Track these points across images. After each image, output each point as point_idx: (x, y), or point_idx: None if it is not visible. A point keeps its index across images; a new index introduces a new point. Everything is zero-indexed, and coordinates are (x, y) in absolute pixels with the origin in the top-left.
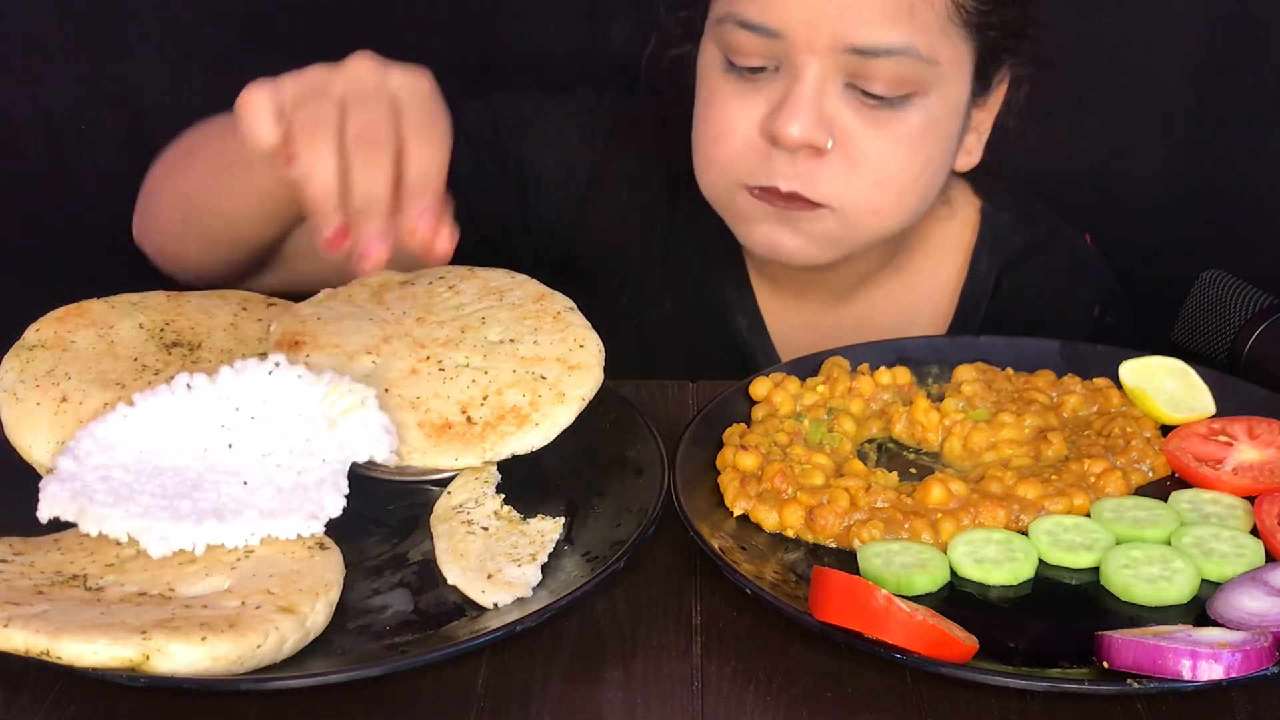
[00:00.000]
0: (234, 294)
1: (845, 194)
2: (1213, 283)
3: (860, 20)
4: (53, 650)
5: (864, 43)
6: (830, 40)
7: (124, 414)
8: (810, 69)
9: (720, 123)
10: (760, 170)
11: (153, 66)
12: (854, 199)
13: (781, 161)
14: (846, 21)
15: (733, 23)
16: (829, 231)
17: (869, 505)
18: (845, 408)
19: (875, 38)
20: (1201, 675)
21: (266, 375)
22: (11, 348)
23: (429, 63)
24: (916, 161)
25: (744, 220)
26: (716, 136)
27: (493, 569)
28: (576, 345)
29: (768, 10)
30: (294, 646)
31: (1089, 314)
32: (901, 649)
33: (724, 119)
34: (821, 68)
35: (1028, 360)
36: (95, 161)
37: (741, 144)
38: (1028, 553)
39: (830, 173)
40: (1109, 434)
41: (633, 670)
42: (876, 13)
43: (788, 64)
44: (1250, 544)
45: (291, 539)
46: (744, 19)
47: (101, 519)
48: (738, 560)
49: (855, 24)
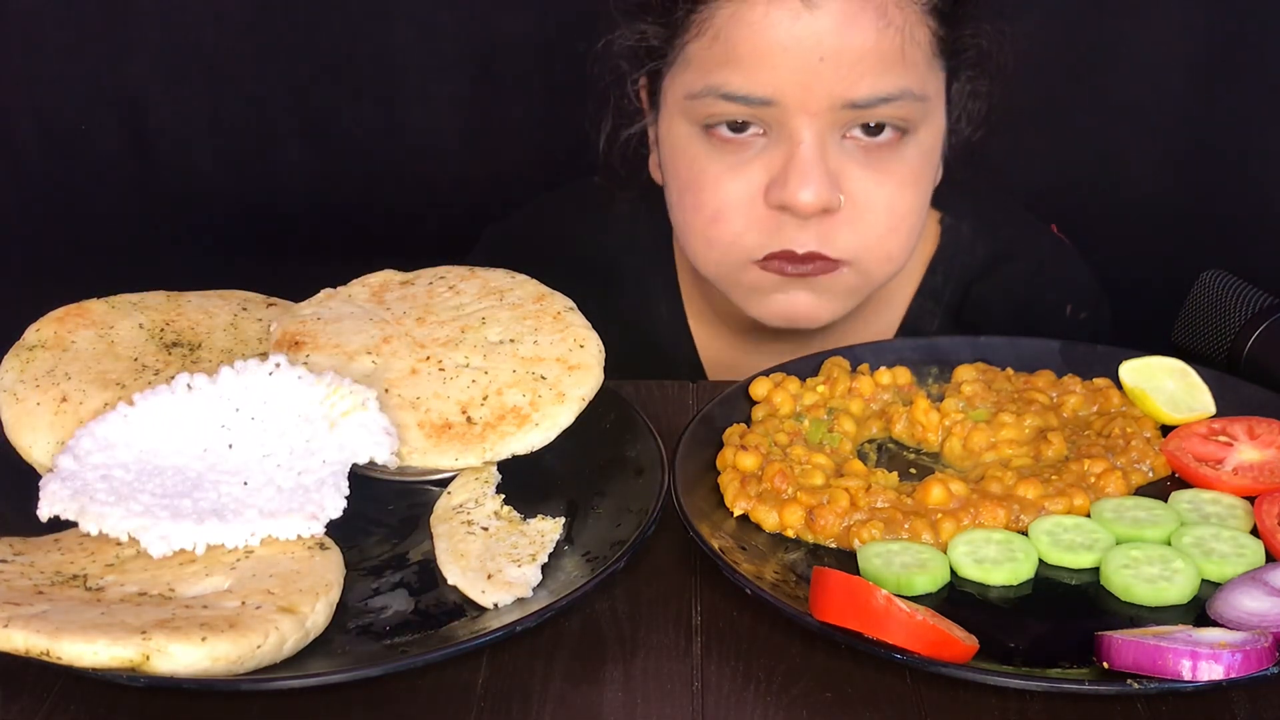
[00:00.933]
0: (234, 294)
1: (860, 247)
2: (1213, 283)
3: (855, 76)
4: (53, 650)
5: (861, 97)
6: (827, 100)
7: (124, 414)
8: (807, 130)
9: (715, 202)
10: (770, 240)
11: (153, 66)
12: (869, 250)
13: (792, 228)
14: (842, 80)
15: (714, 95)
16: (847, 285)
17: (869, 505)
18: (845, 408)
19: (871, 89)
20: (1201, 675)
21: (267, 376)
22: (11, 348)
23: (428, 63)
24: (919, 198)
25: (754, 294)
26: (714, 218)
27: (493, 569)
28: (576, 345)
29: (755, 79)
30: (294, 646)
31: (1061, 315)
32: (901, 649)
33: (719, 198)
34: (818, 127)
35: (1028, 360)
36: (95, 161)
37: (744, 220)
38: (1028, 553)
39: (844, 229)
40: (1109, 434)
41: (633, 670)
42: (870, 65)
43: (780, 129)
44: (1250, 544)
45: (291, 539)
46: (728, 91)
47: (102, 518)
48: (738, 560)
49: (851, 81)
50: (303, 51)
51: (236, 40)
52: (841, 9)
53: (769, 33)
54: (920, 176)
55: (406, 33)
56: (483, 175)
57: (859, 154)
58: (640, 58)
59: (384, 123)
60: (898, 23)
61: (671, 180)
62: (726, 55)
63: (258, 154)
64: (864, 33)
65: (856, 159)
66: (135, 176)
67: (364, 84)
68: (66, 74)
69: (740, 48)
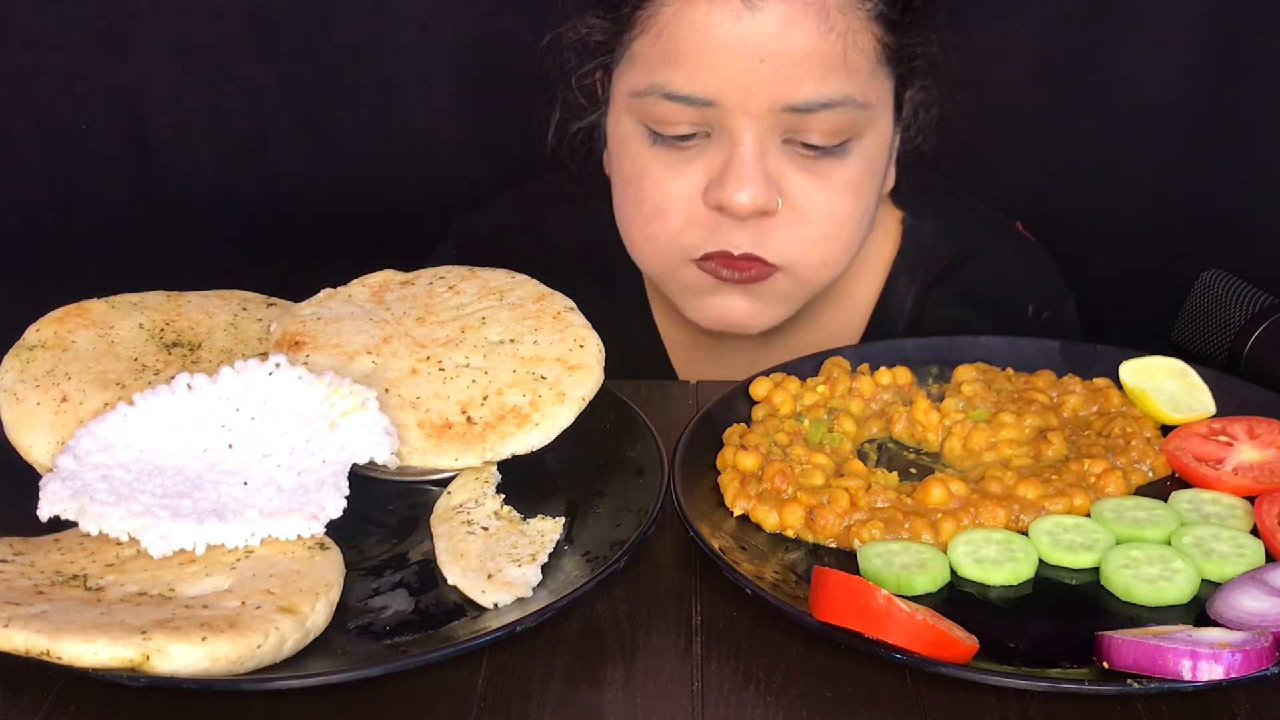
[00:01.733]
0: (234, 294)
1: (796, 251)
2: (1213, 283)
3: (796, 79)
4: (53, 650)
5: (801, 100)
6: (767, 102)
7: (124, 414)
8: (748, 132)
9: (656, 199)
10: (707, 240)
11: (153, 66)
12: (805, 255)
13: (729, 228)
14: (782, 82)
15: (657, 95)
16: (782, 291)
17: (869, 505)
18: (845, 408)
19: (812, 93)
20: (1201, 675)
21: (267, 376)
22: (11, 348)
23: (427, 62)
24: (860, 205)
25: (690, 294)
26: (654, 214)
27: (493, 569)
28: (576, 345)
29: (696, 79)
30: (294, 646)
31: (1024, 314)
32: (901, 649)
33: (659, 194)
34: (759, 130)
35: (1028, 360)
36: (95, 161)
37: (683, 218)
38: (1028, 553)
39: (780, 232)
40: (1109, 434)
41: (633, 670)
42: (811, 69)
43: (721, 130)
44: (1250, 544)
45: (291, 539)
46: (670, 90)
47: (102, 518)
48: (738, 560)
49: (791, 84)
50: (303, 51)
51: (236, 40)
52: (783, 11)
53: (710, 32)
54: (862, 184)
55: (406, 33)
56: (483, 175)
57: (799, 159)
58: (589, 51)
59: (384, 123)
60: (840, 28)
61: (616, 175)
62: (669, 54)
63: (258, 154)
64: (805, 36)
65: (796, 164)
66: (135, 176)
67: (364, 84)
68: (66, 74)
69: (682, 46)
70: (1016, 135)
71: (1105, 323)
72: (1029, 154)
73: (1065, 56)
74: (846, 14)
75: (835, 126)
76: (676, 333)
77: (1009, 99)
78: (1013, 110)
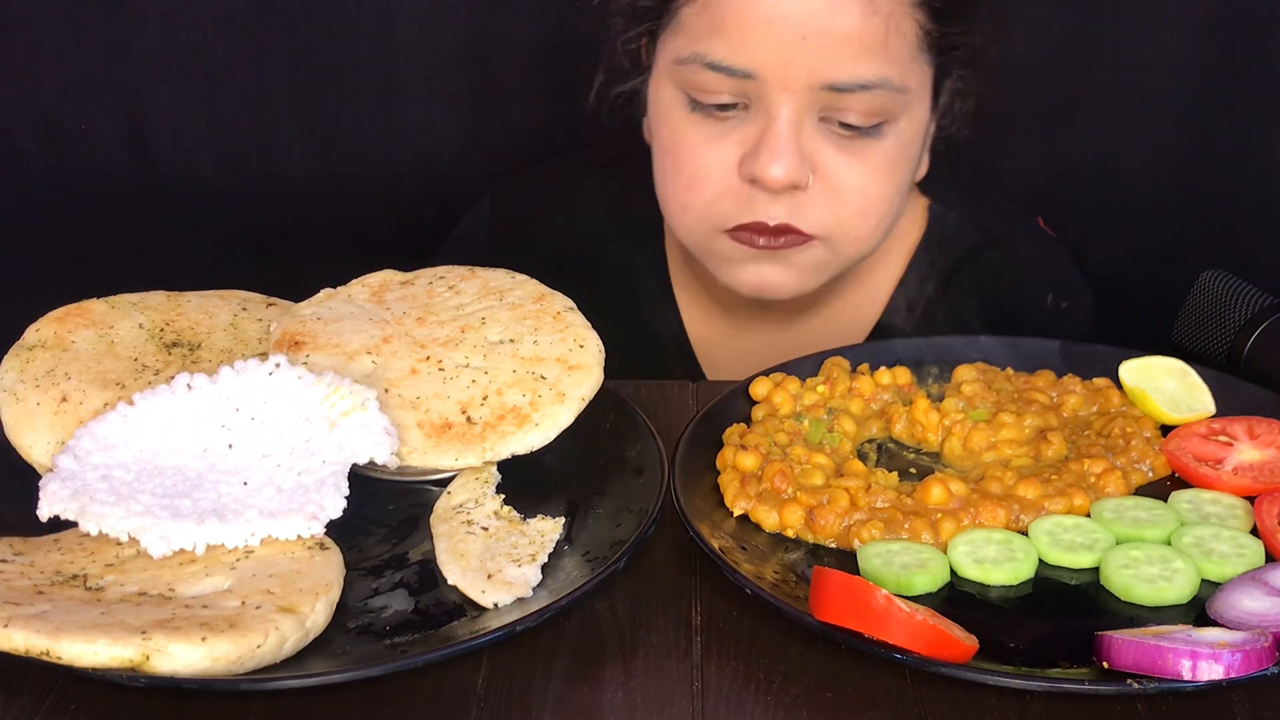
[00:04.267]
0: (234, 294)
1: (832, 224)
2: (1213, 283)
3: (837, 58)
4: (53, 650)
5: (841, 79)
6: (806, 79)
7: (124, 414)
8: (785, 107)
9: (692, 169)
10: (740, 211)
11: (153, 66)
12: (840, 228)
13: (763, 200)
14: (823, 60)
15: (699, 64)
16: (816, 260)
17: (869, 505)
18: (845, 408)
19: (851, 73)
20: (1201, 675)
21: (267, 376)
22: (11, 348)
23: (427, 59)
24: (892, 185)
25: (725, 262)
26: (690, 184)
27: (493, 569)
28: (576, 345)
29: (739, 51)
30: (294, 646)
31: (1042, 305)
32: (901, 649)
33: (696, 165)
34: (796, 105)
35: (1028, 360)
36: (95, 161)
37: (718, 188)
38: (1028, 553)
39: (814, 204)
40: (1109, 434)
41: (633, 670)
42: (852, 49)
43: (760, 103)
44: (1250, 544)
45: (291, 539)
46: (712, 60)
47: (102, 517)
48: (738, 560)
49: (831, 62)
50: (303, 51)
51: (236, 40)
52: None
53: (756, 6)
54: (895, 166)
55: (406, 33)
56: (483, 175)
57: (834, 137)
58: (637, 16)
59: (384, 123)
60: (884, 11)
61: (655, 143)
62: (714, 24)
63: (258, 154)
64: (849, 16)
65: (831, 141)
66: (135, 176)
67: (364, 84)
68: (66, 74)
69: (728, 18)
70: (1016, 134)
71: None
72: (1029, 153)
73: (1065, 56)
74: None
75: (872, 108)
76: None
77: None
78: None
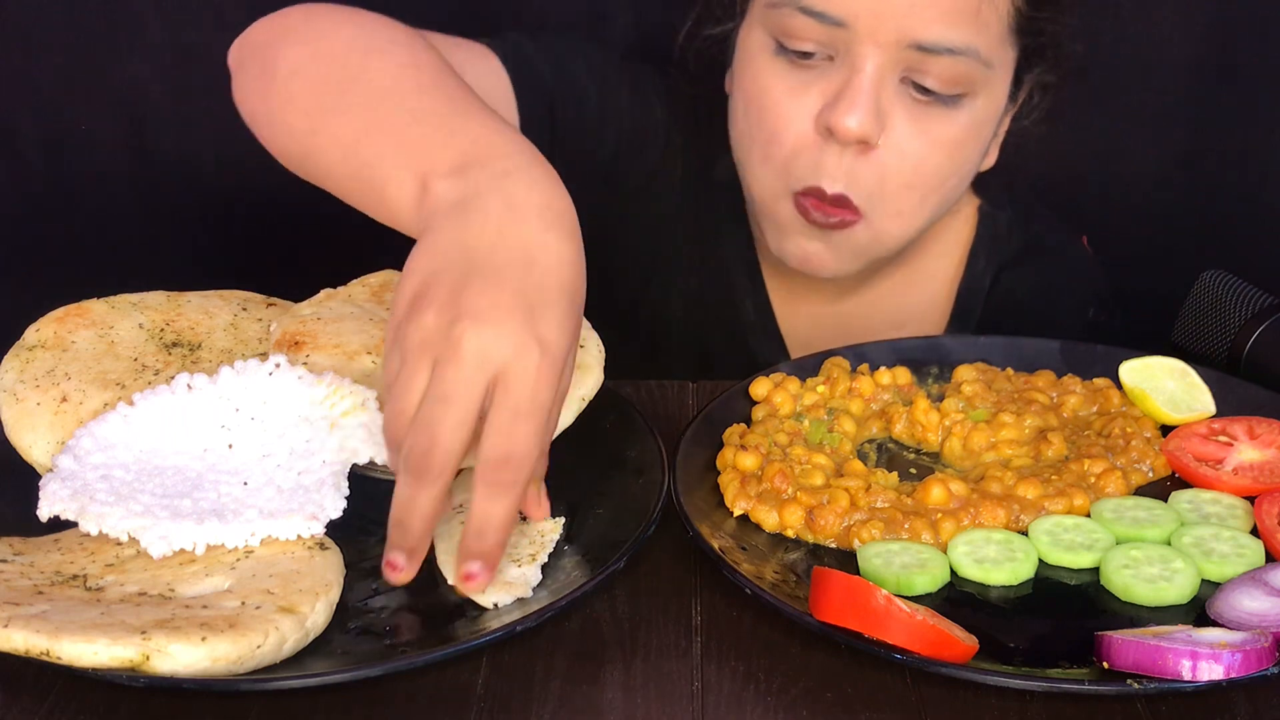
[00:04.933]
0: (234, 294)
1: (879, 194)
2: (1213, 283)
3: (929, 17)
4: (53, 650)
5: (929, 39)
6: (895, 34)
7: (124, 414)
8: (871, 61)
9: (775, 118)
10: (809, 172)
11: (153, 66)
12: (885, 200)
13: (830, 158)
14: (914, 17)
15: (793, 7)
16: (857, 243)
17: (869, 505)
18: (845, 408)
19: (940, 35)
20: (1201, 675)
21: (267, 376)
22: (11, 348)
23: None
24: (951, 164)
25: (780, 230)
26: (771, 137)
27: None
28: (576, 345)
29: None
30: (294, 647)
31: (1084, 315)
32: (901, 649)
33: (778, 114)
34: (882, 60)
35: (1028, 360)
36: (95, 162)
37: (795, 142)
38: (1028, 553)
39: (869, 169)
40: (1109, 434)
41: (633, 670)
42: (945, 10)
43: (846, 54)
44: (1250, 544)
45: (291, 539)
46: (806, 5)
47: (102, 518)
48: (738, 560)
49: (923, 20)
50: None
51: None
52: None
53: None
54: (962, 143)
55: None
56: None
57: (910, 101)
58: None
59: None
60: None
61: (737, 90)
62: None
63: (258, 154)
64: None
65: (906, 105)
66: (135, 176)
67: None
68: (66, 74)
69: None
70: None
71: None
72: (1029, 153)
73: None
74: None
75: (954, 75)
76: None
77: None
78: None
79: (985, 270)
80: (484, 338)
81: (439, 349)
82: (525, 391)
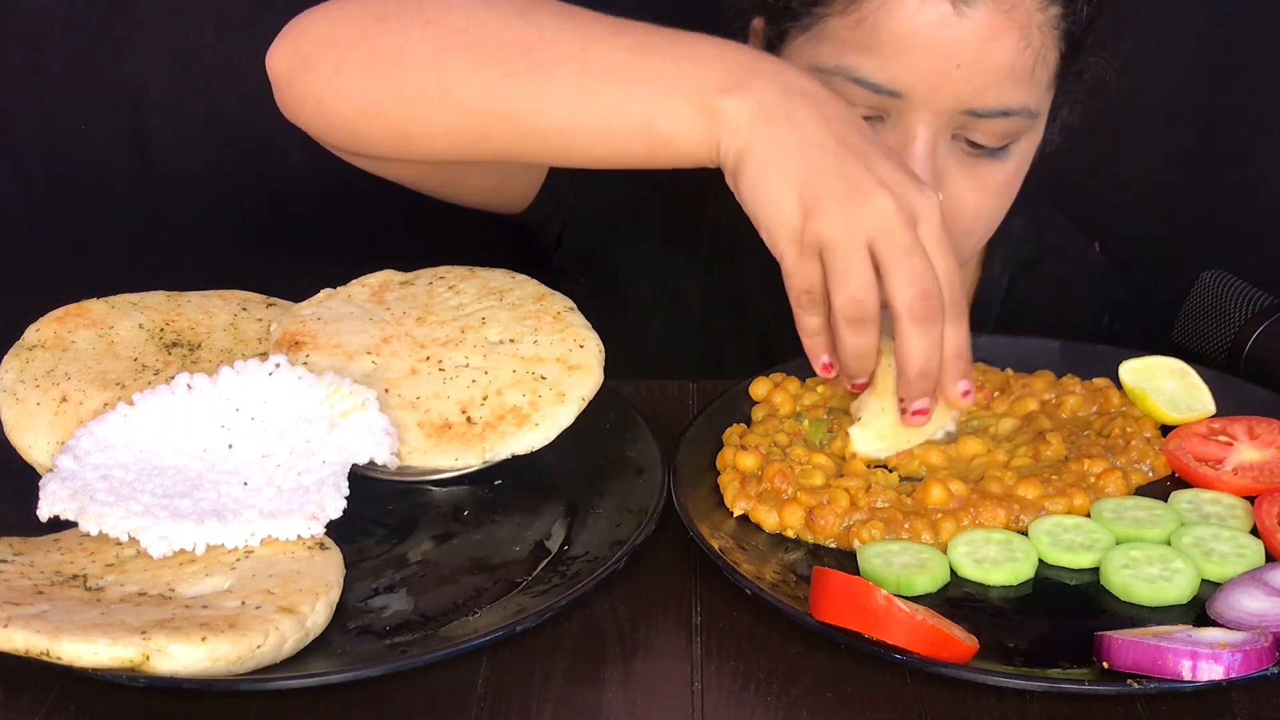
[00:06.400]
0: (234, 294)
1: None
2: (1213, 283)
3: (985, 85)
4: (53, 650)
5: (984, 106)
6: (951, 103)
7: (124, 414)
8: (925, 128)
9: None
10: None
11: (153, 66)
12: None
13: None
14: (972, 88)
15: (844, 77)
16: None
17: (869, 505)
18: (845, 408)
19: (995, 101)
20: (1201, 675)
21: (267, 376)
22: (11, 348)
23: None
24: (1004, 205)
25: None
26: None
27: None
28: (576, 345)
29: (889, 71)
30: (294, 646)
31: (1098, 322)
32: (901, 649)
33: None
34: (935, 126)
35: (1028, 360)
36: (95, 161)
37: None
38: (1028, 553)
39: None
40: (1109, 434)
41: (633, 670)
42: (1001, 79)
43: (899, 119)
44: (1250, 544)
45: (291, 539)
46: (861, 76)
47: (102, 517)
48: (738, 560)
49: (979, 89)
50: None
51: (236, 40)
52: (989, 22)
53: (915, 29)
54: (1011, 185)
55: None
56: None
57: (961, 156)
58: (773, 14)
59: None
60: (1036, 44)
61: None
62: (867, 41)
63: (258, 153)
64: (1005, 50)
65: (958, 160)
66: (135, 176)
67: None
68: (66, 74)
69: (884, 38)
70: None
71: None
72: None
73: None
74: (1044, 32)
75: (1005, 131)
76: None
77: None
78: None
79: (1000, 276)
80: (897, 198)
81: (870, 226)
82: (937, 226)
